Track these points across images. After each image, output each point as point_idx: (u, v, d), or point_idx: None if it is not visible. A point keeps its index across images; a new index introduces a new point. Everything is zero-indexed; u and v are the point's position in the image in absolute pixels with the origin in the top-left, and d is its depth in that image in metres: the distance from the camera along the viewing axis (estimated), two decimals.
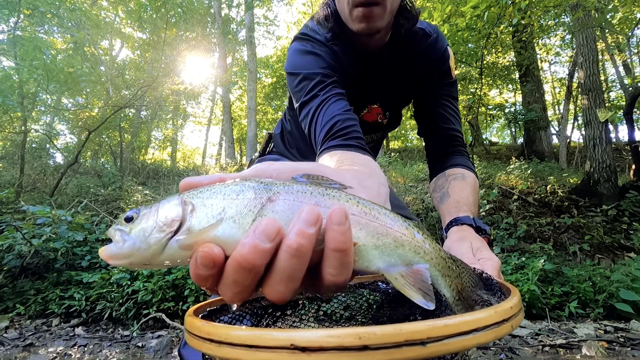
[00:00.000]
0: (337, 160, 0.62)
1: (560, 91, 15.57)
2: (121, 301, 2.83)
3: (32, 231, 3.15)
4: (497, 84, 12.66)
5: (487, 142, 14.32)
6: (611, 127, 10.08)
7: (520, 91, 10.84)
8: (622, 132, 12.69)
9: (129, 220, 0.32)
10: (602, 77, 11.10)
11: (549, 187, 5.34)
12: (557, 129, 12.75)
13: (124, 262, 0.31)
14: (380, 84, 1.03)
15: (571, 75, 10.11)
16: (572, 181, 5.98)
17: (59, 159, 8.44)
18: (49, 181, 6.29)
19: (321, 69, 0.86)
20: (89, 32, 7.08)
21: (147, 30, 9.84)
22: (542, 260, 3.20)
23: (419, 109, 1.10)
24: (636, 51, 12.72)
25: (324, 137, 0.75)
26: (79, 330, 2.71)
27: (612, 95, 12.76)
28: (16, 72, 5.44)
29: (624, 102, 8.43)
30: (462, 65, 7.50)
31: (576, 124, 12.02)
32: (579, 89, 6.87)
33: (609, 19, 6.34)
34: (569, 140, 10.45)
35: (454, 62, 1.05)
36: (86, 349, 2.35)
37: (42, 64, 5.48)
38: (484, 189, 5.17)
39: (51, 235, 3.19)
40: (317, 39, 0.92)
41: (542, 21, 8.21)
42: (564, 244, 4.17)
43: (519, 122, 9.42)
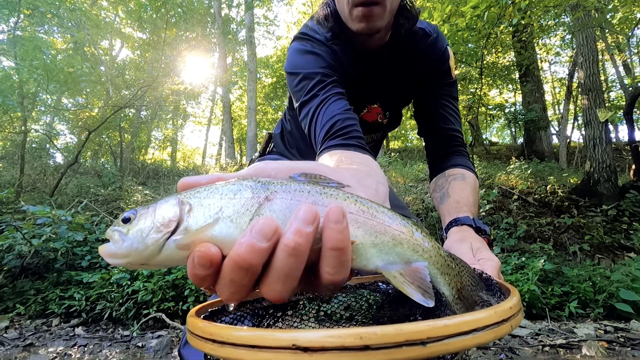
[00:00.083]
0: (337, 159, 0.62)
1: (560, 91, 15.58)
2: (121, 301, 2.83)
3: (32, 231, 3.15)
4: (497, 84, 12.67)
5: (487, 142, 14.33)
6: (611, 127, 10.07)
7: (520, 91, 10.84)
8: (622, 132, 12.71)
9: (126, 221, 0.32)
10: (602, 77, 11.10)
11: (549, 187, 5.34)
12: (557, 129, 12.77)
13: (122, 261, 0.31)
14: (380, 84, 1.03)
15: (571, 75, 10.11)
16: (572, 181, 5.97)
17: (59, 159, 8.46)
18: (49, 181, 6.30)
19: (321, 68, 0.85)
20: (89, 32, 7.08)
21: (147, 30, 9.84)
22: (542, 260, 3.20)
23: (419, 109, 1.10)
24: (636, 51, 12.72)
25: (324, 137, 0.75)
26: (79, 330, 2.71)
27: (612, 95, 12.77)
28: (16, 72, 5.44)
29: (624, 102, 8.43)
30: (462, 65, 7.50)
31: (576, 124, 12.03)
32: (579, 89, 6.87)
33: (609, 19, 6.34)
34: (569, 140, 10.45)
35: (454, 62, 1.05)
36: (86, 349, 2.35)
37: (42, 64, 5.48)
38: (484, 189, 5.17)
39: (51, 235, 3.19)
40: (317, 38, 0.92)
41: (542, 21, 8.23)
42: (564, 244, 4.16)
43: (519, 122, 9.41)
